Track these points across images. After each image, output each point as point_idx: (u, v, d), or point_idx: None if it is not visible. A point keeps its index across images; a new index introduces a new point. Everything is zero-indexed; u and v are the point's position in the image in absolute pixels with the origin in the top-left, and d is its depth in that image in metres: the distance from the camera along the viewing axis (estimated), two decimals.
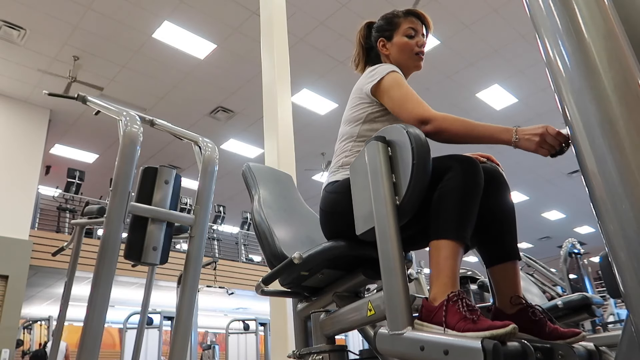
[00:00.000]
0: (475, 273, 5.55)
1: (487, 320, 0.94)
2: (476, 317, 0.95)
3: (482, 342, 0.86)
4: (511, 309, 1.18)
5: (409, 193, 1.07)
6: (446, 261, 1.08)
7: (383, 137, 1.15)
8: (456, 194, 1.11)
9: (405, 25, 1.51)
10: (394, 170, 1.11)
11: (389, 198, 1.08)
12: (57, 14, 6.04)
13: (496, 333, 0.88)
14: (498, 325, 0.90)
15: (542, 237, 15.49)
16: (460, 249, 1.10)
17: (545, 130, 1.12)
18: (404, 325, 0.99)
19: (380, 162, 1.11)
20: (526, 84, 7.98)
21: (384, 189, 1.08)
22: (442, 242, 1.09)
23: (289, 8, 4.95)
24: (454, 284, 1.06)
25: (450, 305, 1.00)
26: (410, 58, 1.51)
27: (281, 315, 3.49)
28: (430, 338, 0.95)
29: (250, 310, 12.42)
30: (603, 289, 4.92)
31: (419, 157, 1.07)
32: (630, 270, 0.55)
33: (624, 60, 0.59)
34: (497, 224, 1.27)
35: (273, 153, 3.92)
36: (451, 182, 1.12)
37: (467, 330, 0.93)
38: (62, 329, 1.79)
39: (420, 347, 0.94)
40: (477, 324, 0.94)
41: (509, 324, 0.89)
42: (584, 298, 2.36)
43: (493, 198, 1.28)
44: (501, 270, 1.24)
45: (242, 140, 9.30)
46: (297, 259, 1.21)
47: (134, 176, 1.27)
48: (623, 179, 0.56)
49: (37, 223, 8.32)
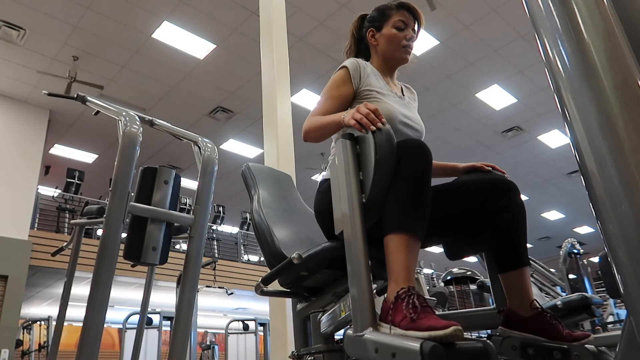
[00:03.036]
0: (475, 273, 5.55)
1: (431, 319, 0.90)
2: (416, 315, 0.92)
3: (421, 344, 0.83)
4: (528, 312, 1.19)
5: (373, 190, 1.05)
6: (392, 257, 1.04)
7: (351, 134, 1.13)
8: (397, 183, 1.08)
9: (396, 18, 1.51)
10: (361, 168, 1.09)
11: (356, 196, 1.06)
12: (56, 14, 6.04)
13: (435, 335, 0.85)
14: (438, 326, 0.86)
15: (541, 237, 15.50)
16: (406, 240, 1.04)
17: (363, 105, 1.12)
18: (365, 327, 0.97)
19: (348, 159, 1.09)
20: (526, 84, 7.98)
21: (351, 187, 1.07)
22: (388, 237, 1.06)
23: (289, 8, 4.95)
24: (405, 280, 1.01)
25: (398, 304, 0.97)
26: (397, 50, 1.50)
27: (281, 316, 3.48)
28: (381, 340, 0.92)
29: (250, 311, 12.41)
30: (602, 289, 4.92)
31: (381, 152, 1.05)
32: (630, 270, 0.55)
33: (624, 61, 0.59)
34: (513, 231, 1.26)
35: (272, 153, 3.92)
36: (397, 172, 1.08)
37: (409, 329, 0.91)
38: (62, 329, 1.79)
39: (375, 349, 0.92)
40: (416, 322, 0.90)
41: (450, 325, 0.85)
42: (583, 298, 2.35)
43: (501, 206, 1.27)
44: (517, 276, 1.24)
45: (241, 140, 9.30)
46: (296, 259, 1.21)
47: (134, 176, 1.27)
48: (622, 179, 0.55)
49: (37, 223, 8.31)
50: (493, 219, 1.26)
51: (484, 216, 1.27)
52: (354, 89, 1.40)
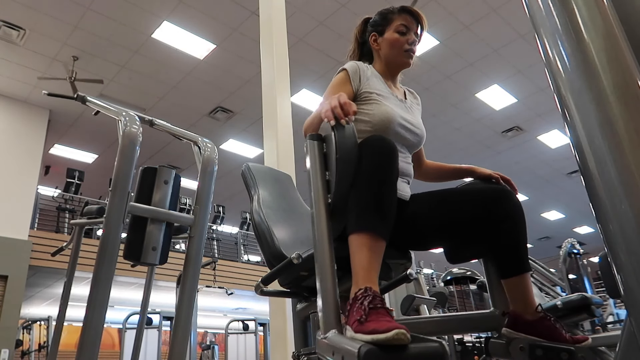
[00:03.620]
0: (475, 273, 5.55)
1: (379, 322, 0.88)
2: (364, 318, 0.90)
3: (359, 347, 0.82)
4: (533, 316, 1.21)
5: (337, 189, 1.04)
6: (353, 257, 1.04)
7: (319, 134, 1.13)
8: (357, 182, 1.07)
9: (398, 22, 1.51)
10: (328, 168, 1.08)
11: (322, 197, 1.06)
12: (56, 14, 6.04)
13: (376, 338, 0.84)
14: (381, 329, 0.85)
15: (541, 238, 15.50)
16: (367, 240, 1.03)
17: (336, 97, 1.11)
18: (328, 329, 0.97)
19: (315, 160, 1.09)
20: (525, 84, 7.98)
21: (318, 188, 1.07)
22: (349, 238, 1.05)
23: (289, 8, 4.95)
24: (363, 280, 1.00)
25: (354, 305, 0.97)
26: (399, 54, 1.50)
27: (280, 316, 3.48)
28: (335, 342, 0.92)
29: (250, 311, 12.41)
30: (602, 289, 4.92)
31: (342, 150, 1.04)
32: (630, 270, 0.55)
33: (624, 61, 0.59)
34: (509, 240, 1.27)
35: (272, 153, 3.92)
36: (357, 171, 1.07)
37: (357, 331, 0.90)
38: (62, 329, 1.79)
39: (332, 352, 0.92)
40: (363, 325, 0.89)
41: (394, 328, 0.83)
42: (583, 298, 2.35)
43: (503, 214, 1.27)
44: (517, 282, 1.25)
45: (241, 140, 9.29)
46: (296, 259, 1.21)
47: (134, 176, 1.27)
48: (622, 179, 0.56)
49: (37, 223, 8.31)
50: (495, 226, 1.26)
51: (487, 224, 1.28)
52: (353, 90, 1.40)
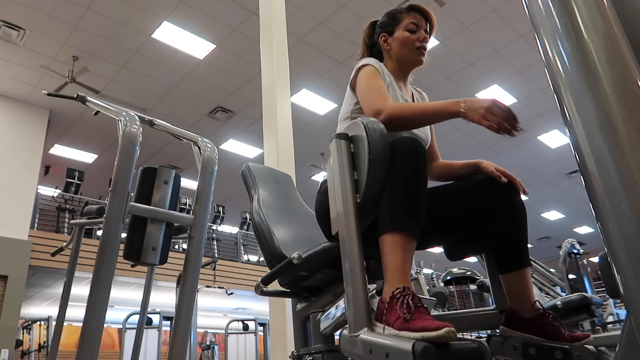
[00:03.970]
0: (475, 273, 5.55)
1: (425, 320, 0.90)
2: (409, 316, 0.92)
3: (413, 344, 0.82)
4: (530, 313, 1.19)
5: (367, 190, 1.05)
6: (386, 257, 1.04)
7: (346, 134, 1.13)
8: (390, 183, 1.07)
9: (407, 20, 1.50)
10: (356, 168, 1.09)
11: (350, 196, 1.06)
12: (56, 14, 6.04)
13: (427, 336, 0.84)
14: (431, 327, 0.86)
15: (541, 238, 15.50)
16: (401, 240, 1.04)
17: (494, 103, 1.12)
18: (360, 327, 0.97)
19: (342, 160, 1.09)
20: (525, 84, 7.98)
21: (346, 187, 1.07)
22: (383, 238, 1.06)
23: (289, 8, 4.95)
24: (400, 280, 1.01)
25: (392, 304, 0.97)
26: (411, 52, 1.50)
27: (280, 316, 3.48)
28: (375, 340, 0.92)
29: (250, 311, 12.41)
30: (602, 289, 4.92)
31: (374, 151, 1.04)
32: (630, 270, 0.55)
33: (624, 61, 0.59)
34: (514, 232, 1.26)
35: (272, 153, 3.92)
36: (391, 171, 1.08)
37: (402, 329, 0.91)
38: (62, 329, 1.79)
39: (369, 350, 0.92)
40: (409, 323, 0.90)
41: (443, 326, 0.84)
42: (583, 298, 2.35)
43: (502, 208, 1.27)
44: (518, 277, 1.24)
45: (241, 140, 9.30)
46: (296, 259, 1.21)
47: (134, 176, 1.27)
48: (622, 179, 0.55)
49: (37, 223, 8.31)
50: (494, 220, 1.26)
51: (485, 217, 1.27)
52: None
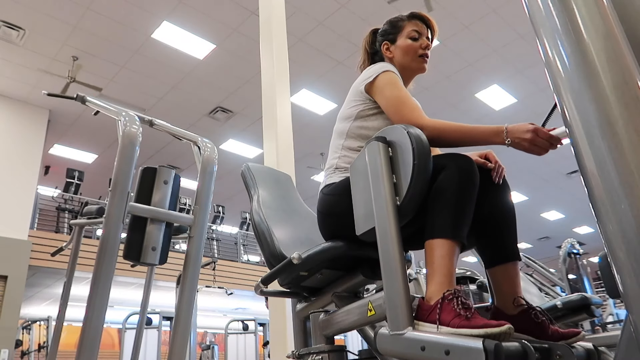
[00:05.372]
0: (475, 273, 5.55)
1: (482, 319, 0.94)
2: (470, 314, 0.95)
3: (483, 342, 0.85)
4: (513, 310, 1.19)
5: (409, 193, 1.07)
6: (442, 260, 1.07)
7: (384, 137, 1.15)
8: (451, 192, 1.11)
9: (409, 28, 1.52)
10: (395, 171, 1.11)
11: (390, 198, 1.08)
12: (56, 14, 6.03)
13: (491, 332, 0.88)
14: (493, 324, 0.90)
15: (541, 238, 15.50)
16: (456, 247, 1.09)
17: (535, 134, 1.14)
18: (405, 326, 0.99)
19: (381, 162, 1.11)
20: (525, 84, 7.98)
21: (385, 190, 1.08)
22: (438, 241, 1.09)
23: (288, 8, 4.95)
24: (450, 283, 1.05)
25: (445, 304, 1.00)
26: (414, 60, 1.51)
27: (280, 316, 3.48)
28: (431, 338, 0.94)
29: (250, 311, 12.41)
30: (602, 289, 4.92)
31: (419, 157, 1.07)
32: (629, 270, 0.55)
33: (623, 61, 0.59)
34: (497, 225, 1.27)
35: (272, 153, 3.92)
36: (446, 180, 1.12)
37: (462, 326, 0.93)
38: (62, 329, 1.79)
39: (421, 347, 0.94)
40: (471, 321, 0.93)
41: (505, 324, 0.89)
42: (583, 298, 2.35)
43: (492, 199, 1.28)
44: (501, 271, 1.24)
45: (241, 140, 9.29)
46: (296, 259, 1.21)
47: (133, 176, 1.27)
48: (622, 179, 0.56)
49: (36, 223, 8.31)
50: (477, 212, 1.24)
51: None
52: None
